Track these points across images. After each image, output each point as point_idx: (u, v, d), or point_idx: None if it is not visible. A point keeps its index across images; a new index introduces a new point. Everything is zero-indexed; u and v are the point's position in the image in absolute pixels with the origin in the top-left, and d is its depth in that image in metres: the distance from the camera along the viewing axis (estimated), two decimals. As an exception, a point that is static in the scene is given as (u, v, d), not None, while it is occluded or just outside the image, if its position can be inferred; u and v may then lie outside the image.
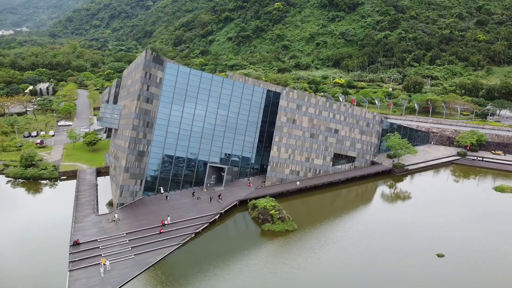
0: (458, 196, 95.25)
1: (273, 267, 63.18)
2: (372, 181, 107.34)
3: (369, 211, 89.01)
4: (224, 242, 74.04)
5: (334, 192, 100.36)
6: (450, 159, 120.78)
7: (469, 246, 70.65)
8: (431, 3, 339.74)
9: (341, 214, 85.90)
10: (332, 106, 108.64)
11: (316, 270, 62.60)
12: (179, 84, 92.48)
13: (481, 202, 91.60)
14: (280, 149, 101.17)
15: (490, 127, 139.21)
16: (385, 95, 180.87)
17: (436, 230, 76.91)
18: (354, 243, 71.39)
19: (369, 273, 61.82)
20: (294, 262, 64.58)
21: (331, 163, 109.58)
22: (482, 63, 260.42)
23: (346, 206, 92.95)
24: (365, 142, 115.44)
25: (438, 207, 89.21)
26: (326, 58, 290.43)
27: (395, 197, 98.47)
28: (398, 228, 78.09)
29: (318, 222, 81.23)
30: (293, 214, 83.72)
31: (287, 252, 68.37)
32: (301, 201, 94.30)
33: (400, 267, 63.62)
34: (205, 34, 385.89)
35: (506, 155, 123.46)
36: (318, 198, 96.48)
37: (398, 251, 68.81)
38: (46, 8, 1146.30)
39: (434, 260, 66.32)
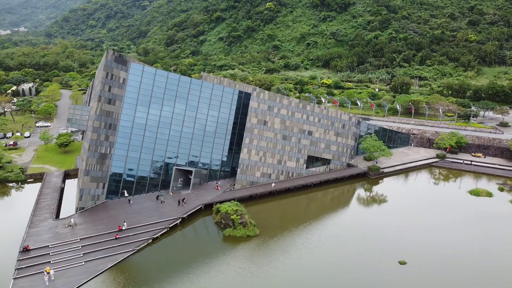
0: (431, 200, 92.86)
1: (225, 275, 60.85)
2: (346, 184, 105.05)
3: (338, 215, 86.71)
4: (182, 248, 71.89)
5: (305, 196, 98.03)
6: (428, 161, 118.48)
7: (432, 252, 68.37)
8: (423, 3, 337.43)
9: (308, 219, 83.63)
10: (305, 108, 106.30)
11: (268, 279, 60.31)
12: (144, 85, 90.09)
13: (454, 207, 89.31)
14: (251, 151, 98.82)
15: (473, 129, 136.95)
16: (369, 96, 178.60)
17: (402, 235, 74.75)
18: (313, 250, 69.07)
19: (325, 281, 59.55)
20: (246, 271, 62.25)
21: (305, 165, 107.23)
22: (473, 63, 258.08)
23: (315, 210, 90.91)
24: (340, 144, 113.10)
25: (409, 212, 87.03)
26: (316, 58, 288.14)
27: (367, 201, 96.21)
28: (364, 233, 75.80)
29: (283, 227, 79.01)
30: (260, 218, 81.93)
31: (243, 260, 66.04)
32: (270, 205, 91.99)
33: (356, 274, 61.34)
34: (197, 34, 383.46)
35: (486, 157, 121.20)
36: (288, 202, 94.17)
37: (359, 257, 66.57)
38: (44, 8, 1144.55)
39: (395, 267, 64.14)
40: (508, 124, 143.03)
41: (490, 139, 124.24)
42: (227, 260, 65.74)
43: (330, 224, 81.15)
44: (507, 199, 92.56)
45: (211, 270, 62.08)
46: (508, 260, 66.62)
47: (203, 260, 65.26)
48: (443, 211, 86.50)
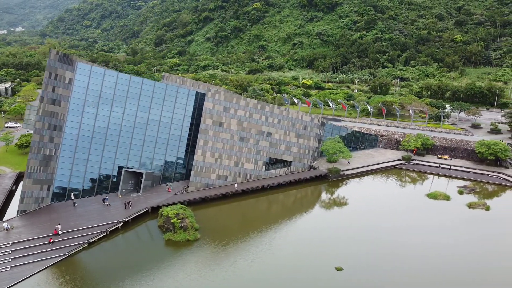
0: (387, 204, 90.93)
1: (153, 282, 59.04)
2: (305, 187, 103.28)
3: (288, 219, 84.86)
4: (118, 253, 70.03)
5: (262, 198, 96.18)
6: (393, 163, 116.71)
7: (371, 257, 66.56)
8: (411, 3, 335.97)
9: (261, 222, 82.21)
10: (264, 109, 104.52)
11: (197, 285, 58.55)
12: (92, 86, 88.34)
13: (408, 210, 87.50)
14: (206, 153, 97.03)
15: (443, 130, 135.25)
16: (345, 96, 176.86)
17: (345, 239, 72.91)
18: (251, 256, 67.22)
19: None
20: (172, 279, 60.46)
21: (264, 167, 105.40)
22: (457, 64, 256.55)
23: (266, 213, 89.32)
24: (302, 145, 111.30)
25: (363, 216, 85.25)
26: (300, 59, 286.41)
27: (320, 204, 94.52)
28: (307, 238, 74.02)
29: (227, 231, 77.38)
30: (208, 221, 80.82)
31: (171, 267, 64.18)
32: (223, 208, 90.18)
33: (287, 281, 59.57)
34: (185, 34, 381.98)
35: (452, 159, 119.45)
36: (242, 205, 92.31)
37: (295, 262, 64.83)
38: (42, 8, 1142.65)
39: (331, 273, 62.37)
40: (480, 126, 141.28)
41: (458, 141, 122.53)
42: (164, 266, 63.76)
43: (280, 228, 79.17)
44: (463, 203, 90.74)
45: (142, 278, 60.23)
46: (446, 266, 64.82)
47: (139, 266, 63.46)
48: (396, 215, 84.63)
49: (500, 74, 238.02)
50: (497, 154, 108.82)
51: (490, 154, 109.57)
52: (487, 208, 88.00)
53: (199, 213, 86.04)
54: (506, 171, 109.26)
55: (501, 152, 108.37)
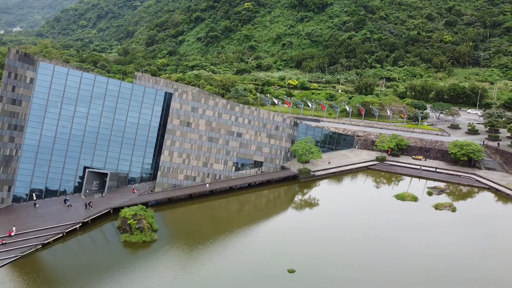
0: (353, 205, 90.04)
1: (100, 285, 58.24)
2: (274, 188, 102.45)
3: (249, 220, 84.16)
4: (72, 254, 69.27)
5: (229, 199, 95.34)
6: (366, 164, 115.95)
7: (326, 260, 65.81)
8: (402, 3, 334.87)
9: (222, 224, 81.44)
10: (234, 109, 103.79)
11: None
12: (55, 85, 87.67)
13: (375, 212, 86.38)
14: (173, 154, 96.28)
15: (420, 131, 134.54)
16: (327, 97, 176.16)
17: (304, 242, 72.13)
18: (203, 259, 66.43)
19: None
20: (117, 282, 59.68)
21: (234, 168, 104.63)
22: (445, 64, 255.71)
23: (233, 214, 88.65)
24: (274, 146, 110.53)
25: (327, 217, 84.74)
26: (289, 59, 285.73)
27: (286, 206, 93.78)
28: (265, 239, 73.28)
29: (188, 233, 76.77)
30: (171, 222, 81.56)
31: (122, 269, 63.37)
32: (189, 209, 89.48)
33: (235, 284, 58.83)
34: (176, 35, 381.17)
35: (426, 160, 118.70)
36: (210, 206, 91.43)
37: (248, 265, 64.11)
38: (40, 8, 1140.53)
39: (284, 275, 61.62)
40: (459, 126, 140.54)
41: (432, 142, 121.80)
42: (117, 268, 62.98)
43: (241, 229, 78.31)
44: (430, 204, 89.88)
45: (92, 280, 59.44)
46: (404, 268, 64.07)
47: (90, 267, 62.76)
48: (360, 216, 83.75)
49: (487, 74, 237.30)
50: (469, 155, 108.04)
51: (462, 155, 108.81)
52: (453, 209, 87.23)
53: (165, 214, 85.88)
54: (478, 172, 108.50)
55: (473, 153, 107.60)
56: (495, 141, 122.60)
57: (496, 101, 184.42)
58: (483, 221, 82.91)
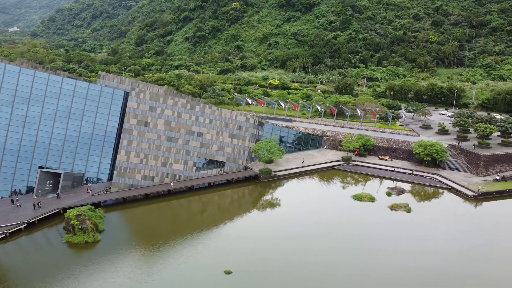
0: (309, 206, 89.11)
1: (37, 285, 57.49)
2: (234, 188, 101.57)
3: (201, 221, 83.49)
4: (12, 255, 68.48)
5: (188, 199, 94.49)
6: (331, 164, 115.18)
7: (265, 261, 65.07)
8: (390, 3, 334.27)
9: (173, 225, 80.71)
10: (194, 108, 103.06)
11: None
12: (6, 84, 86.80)
13: (328, 212, 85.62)
14: (130, 154, 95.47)
15: (390, 131, 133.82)
16: (303, 97, 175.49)
17: (246, 244, 71.45)
18: (139, 262, 65.67)
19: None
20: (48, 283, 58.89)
21: (194, 168, 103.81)
22: (429, 64, 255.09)
23: (187, 215, 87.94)
24: (236, 146, 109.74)
25: (281, 218, 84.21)
26: (274, 58, 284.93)
27: (242, 206, 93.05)
28: (208, 241, 72.52)
29: (136, 234, 76.37)
30: (123, 223, 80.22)
31: (56, 269, 62.58)
32: (144, 209, 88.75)
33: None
34: (165, 34, 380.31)
35: (393, 160, 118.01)
36: (166, 206, 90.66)
37: (183, 266, 63.39)
38: (38, 8, 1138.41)
39: (219, 276, 60.90)
40: (431, 126, 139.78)
41: (400, 142, 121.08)
42: (56, 269, 62.23)
43: (191, 231, 77.45)
44: (387, 204, 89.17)
45: (28, 281, 58.68)
46: (346, 267, 63.42)
47: (27, 268, 61.99)
48: (314, 217, 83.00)
49: (470, 74, 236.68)
50: (432, 155, 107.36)
51: (426, 155, 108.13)
52: (408, 210, 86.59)
53: (121, 214, 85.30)
54: (441, 172, 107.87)
55: (437, 153, 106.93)
56: (463, 141, 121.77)
57: (474, 101, 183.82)
58: (436, 221, 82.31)
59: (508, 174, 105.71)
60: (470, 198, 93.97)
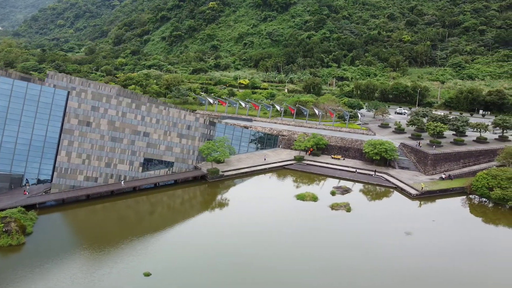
0: (251, 206, 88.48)
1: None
2: (179, 188, 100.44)
3: (136, 223, 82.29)
4: None
5: (131, 200, 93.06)
6: (283, 164, 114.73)
7: (180, 263, 64.25)
8: (366, 3, 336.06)
9: (104, 227, 79.20)
10: (140, 108, 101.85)
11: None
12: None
13: (267, 213, 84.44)
14: (71, 154, 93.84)
15: (347, 130, 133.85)
16: (267, 96, 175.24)
17: (169, 246, 70.58)
18: (49, 267, 64.37)
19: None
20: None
21: (141, 168, 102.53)
22: (402, 64, 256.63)
23: (124, 217, 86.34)
24: (185, 146, 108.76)
25: (218, 219, 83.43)
26: (248, 58, 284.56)
27: (183, 207, 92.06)
28: (127, 242, 71.43)
29: (66, 237, 74.73)
30: (54, 226, 78.47)
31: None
32: (81, 212, 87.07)
33: None
34: (142, 34, 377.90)
35: (345, 160, 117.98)
36: (101, 208, 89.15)
37: (101, 270, 62.20)
38: (23, 7, 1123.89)
39: (138, 278, 59.88)
40: (389, 125, 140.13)
41: (353, 141, 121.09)
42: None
43: (121, 233, 76.46)
44: (327, 204, 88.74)
45: None
46: (273, 266, 62.83)
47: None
48: (250, 217, 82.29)
49: (440, 73, 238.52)
50: (381, 154, 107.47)
51: (375, 154, 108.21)
52: (348, 209, 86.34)
53: (57, 217, 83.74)
54: (390, 171, 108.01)
55: (385, 152, 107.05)
56: (417, 140, 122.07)
57: (438, 100, 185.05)
58: (372, 220, 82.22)
59: (455, 172, 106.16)
60: (413, 196, 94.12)
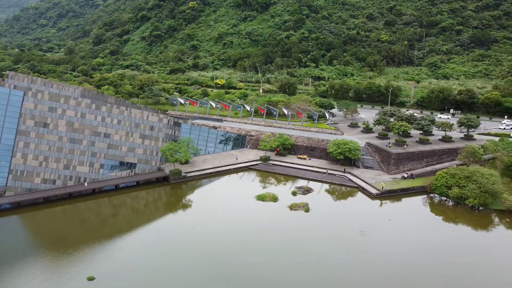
0: (209, 208, 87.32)
1: None
2: (141, 190, 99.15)
3: (91, 226, 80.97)
4: None
5: (87, 203, 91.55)
6: (248, 164, 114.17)
7: (124, 267, 63.24)
8: (346, 3, 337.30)
9: (56, 232, 77.79)
10: (100, 109, 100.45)
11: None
12: None
13: (225, 214, 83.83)
14: (27, 156, 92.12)
15: (315, 130, 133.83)
16: (240, 96, 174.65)
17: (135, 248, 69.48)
18: None
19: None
20: None
21: (102, 170, 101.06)
22: (379, 63, 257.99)
23: (81, 220, 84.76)
24: (149, 147, 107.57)
25: (173, 221, 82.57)
26: (227, 58, 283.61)
27: (140, 209, 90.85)
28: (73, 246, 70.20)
29: (10, 240, 72.88)
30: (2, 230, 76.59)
31: None
32: (37, 215, 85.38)
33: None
34: (122, 34, 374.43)
35: (311, 159, 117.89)
36: (60, 211, 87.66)
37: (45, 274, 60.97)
38: (6, 7, 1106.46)
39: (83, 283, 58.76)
40: (358, 125, 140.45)
41: (319, 141, 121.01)
42: None
43: (73, 237, 75.06)
44: (287, 204, 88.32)
45: None
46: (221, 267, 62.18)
47: None
48: (207, 219, 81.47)
49: (415, 73, 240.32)
50: (345, 154, 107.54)
51: (339, 154, 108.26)
52: (306, 209, 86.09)
53: (10, 220, 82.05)
54: (354, 171, 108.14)
55: (349, 151, 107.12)
56: (384, 139, 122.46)
57: (411, 100, 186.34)
58: (328, 220, 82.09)
59: (418, 171, 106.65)
60: (374, 196, 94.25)
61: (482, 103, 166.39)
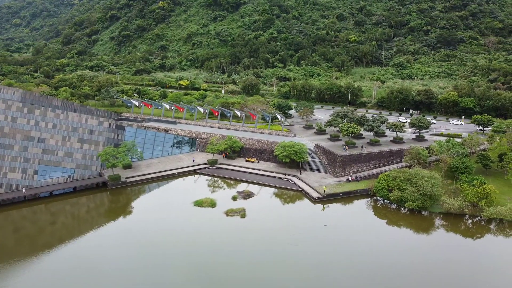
0: (146, 213, 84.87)
1: None
2: (76, 197, 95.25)
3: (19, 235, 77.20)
4: None
5: (21, 210, 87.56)
6: (195, 168, 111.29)
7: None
8: (316, 3, 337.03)
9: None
10: (33, 112, 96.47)
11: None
12: None
13: (162, 222, 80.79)
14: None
15: (268, 132, 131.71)
16: (199, 98, 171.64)
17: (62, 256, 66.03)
18: None
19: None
20: None
21: (36, 176, 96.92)
22: (346, 64, 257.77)
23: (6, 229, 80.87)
24: (88, 151, 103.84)
25: (104, 230, 79.34)
26: (195, 58, 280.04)
27: (70, 218, 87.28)
28: None
29: None
30: None
31: None
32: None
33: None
34: (91, 34, 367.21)
35: (260, 162, 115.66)
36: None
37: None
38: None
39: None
40: (313, 126, 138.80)
41: (268, 143, 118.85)
42: None
43: None
44: (224, 210, 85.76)
45: None
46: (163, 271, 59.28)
47: None
48: (142, 227, 78.35)
49: (381, 73, 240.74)
50: (291, 156, 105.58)
51: (285, 156, 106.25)
52: (243, 215, 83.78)
53: None
54: (300, 174, 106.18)
55: (295, 154, 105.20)
56: (336, 141, 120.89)
57: (372, 100, 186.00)
58: (264, 226, 79.79)
59: (364, 174, 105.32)
60: (315, 200, 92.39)
61: (440, 103, 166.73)
